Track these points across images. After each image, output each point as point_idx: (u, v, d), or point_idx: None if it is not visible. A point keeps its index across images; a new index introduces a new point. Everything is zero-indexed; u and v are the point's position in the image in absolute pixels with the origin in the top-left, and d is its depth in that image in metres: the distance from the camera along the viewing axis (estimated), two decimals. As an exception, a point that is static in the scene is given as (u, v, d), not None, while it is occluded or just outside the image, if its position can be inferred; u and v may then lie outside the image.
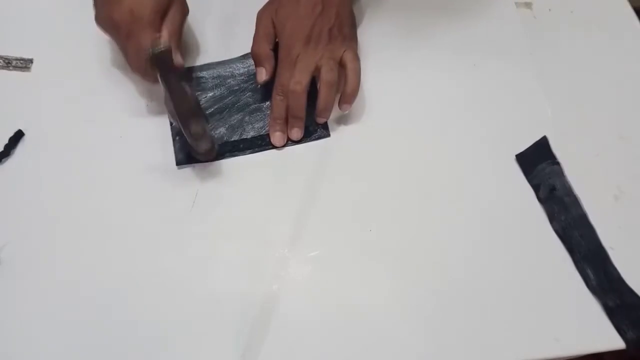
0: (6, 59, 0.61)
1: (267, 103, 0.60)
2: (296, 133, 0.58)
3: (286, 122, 0.58)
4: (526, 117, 0.60)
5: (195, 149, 0.54)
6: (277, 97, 0.57)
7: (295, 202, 0.55)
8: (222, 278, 0.52)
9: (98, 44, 0.62)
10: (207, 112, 0.59)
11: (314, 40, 0.57)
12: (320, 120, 0.58)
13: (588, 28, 0.66)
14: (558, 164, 0.56)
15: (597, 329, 0.50)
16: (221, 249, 0.53)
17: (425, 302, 0.51)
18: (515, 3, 0.67)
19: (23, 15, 0.65)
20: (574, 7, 0.68)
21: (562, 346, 0.49)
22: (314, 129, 0.59)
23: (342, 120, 0.59)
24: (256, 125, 0.59)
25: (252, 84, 0.61)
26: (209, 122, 0.58)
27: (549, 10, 0.67)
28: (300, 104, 0.57)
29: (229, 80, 0.61)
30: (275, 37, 0.59)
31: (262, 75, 0.58)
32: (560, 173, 0.56)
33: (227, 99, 0.60)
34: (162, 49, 0.49)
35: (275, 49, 0.59)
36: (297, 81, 0.56)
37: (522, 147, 0.57)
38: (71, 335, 0.49)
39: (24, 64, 0.61)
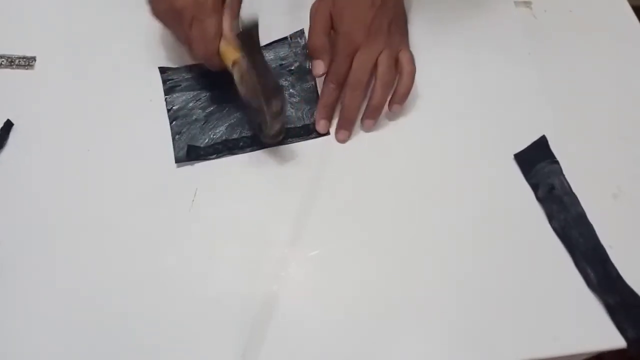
0: (9, 57, 0.61)
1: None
2: (343, 135, 0.58)
3: (333, 111, 0.58)
4: (525, 116, 0.60)
5: (268, 131, 0.54)
6: (330, 85, 0.57)
7: (296, 202, 0.55)
8: (222, 278, 0.52)
9: (100, 42, 0.62)
10: (207, 111, 0.59)
11: (374, 32, 0.56)
12: (369, 123, 0.58)
13: (588, 27, 0.66)
14: (557, 163, 0.56)
15: (597, 328, 0.50)
16: (221, 248, 0.53)
17: (425, 302, 0.51)
18: (515, 2, 0.67)
19: (25, 14, 0.65)
20: (574, 6, 0.68)
21: (561, 345, 0.49)
22: (314, 127, 0.59)
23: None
24: None
25: (252, 83, 0.61)
26: (286, 100, 0.57)
27: (548, 9, 0.67)
28: (356, 104, 0.57)
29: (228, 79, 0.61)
30: (331, 28, 0.58)
31: (320, 68, 0.57)
32: (559, 172, 0.56)
33: (227, 98, 0.60)
34: (254, 23, 0.48)
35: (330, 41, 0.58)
36: (358, 79, 0.56)
37: (520, 147, 0.57)
38: (70, 335, 0.49)
39: (27, 62, 0.61)
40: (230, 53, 0.53)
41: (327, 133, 0.59)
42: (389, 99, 0.58)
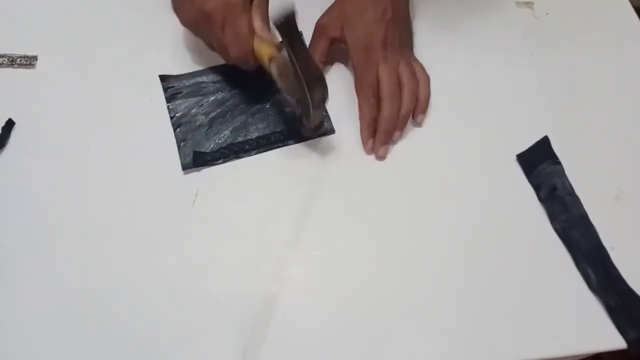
0: (10, 57, 0.62)
1: (269, 103, 0.60)
2: (384, 151, 0.57)
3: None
4: (526, 117, 0.60)
5: (310, 122, 0.54)
6: (371, 101, 0.57)
7: (296, 202, 0.55)
8: (223, 278, 0.52)
9: (101, 41, 0.63)
10: (211, 116, 0.59)
11: (390, 44, 0.57)
12: (398, 135, 0.58)
13: (589, 29, 0.66)
14: (559, 163, 0.56)
15: (597, 329, 0.49)
16: (221, 249, 0.53)
17: (426, 302, 0.51)
18: (517, 3, 0.67)
19: (27, 13, 0.65)
20: (575, 7, 0.68)
21: (562, 346, 0.49)
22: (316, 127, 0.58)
23: (345, 118, 0.59)
24: (259, 126, 0.59)
25: (252, 85, 0.61)
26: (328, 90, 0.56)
27: (550, 10, 0.67)
28: (395, 116, 0.57)
29: (229, 83, 0.61)
30: (328, 53, 0.60)
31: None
32: (561, 173, 0.56)
33: (229, 102, 0.60)
34: (291, 12, 0.48)
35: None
36: (393, 91, 0.56)
37: (522, 147, 0.57)
38: (71, 335, 0.49)
39: (28, 61, 0.62)
40: (265, 50, 0.53)
41: (333, 131, 0.59)
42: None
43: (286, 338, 0.49)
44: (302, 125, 0.56)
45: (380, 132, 0.57)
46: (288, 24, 0.48)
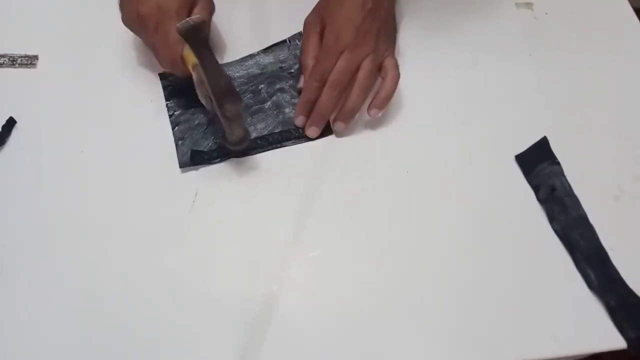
0: (11, 57, 0.62)
1: (268, 104, 0.60)
2: (313, 132, 0.58)
3: (313, 107, 0.58)
4: (526, 117, 0.60)
5: (229, 137, 0.54)
6: (313, 83, 0.57)
7: (296, 202, 0.55)
8: (222, 278, 0.52)
9: (102, 41, 0.63)
10: (209, 116, 0.59)
11: (363, 34, 0.57)
12: (340, 126, 0.57)
13: (588, 29, 0.66)
14: (558, 164, 0.56)
15: (597, 329, 0.49)
16: (221, 249, 0.53)
17: (426, 302, 0.51)
18: (516, 4, 0.67)
19: (27, 13, 0.65)
20: (575, 7, 0.68)
21: (562, 346, 0.49)
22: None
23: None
24: (258, 126, 0.59)
25: (252, 85, 0.61)
26: (242, 103, 0.56)
27: (549, 10, 0.67)
28: (331, 103, 0.57)
29: None
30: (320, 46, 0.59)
31: (301, 82, 0.59)
32: (560, 173, 0.56)
33: None
34: (197, 21, 0.49)
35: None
36: (338, 79, 0.56)
37: (521, 148, 0.57)
38: (71, 335, 0.49)
39: (29, 61, 0.62)
40: (190, 57, 0.53)
41: (331, 132, 0.59)
42: (369, 103, 0.58)
43: (286, 338, 0.49)
44: (225, 139, 0.54)
45: (313, 114, 0.57)
46: (193, 35, 0.49)
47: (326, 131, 0.59)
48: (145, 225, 0.53)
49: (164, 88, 0.60)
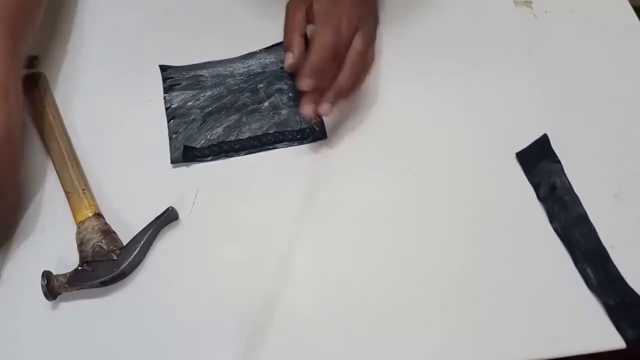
0: None
1: (265, 104, 0.60)
2: (328, 109, 0.53)
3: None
4: (526, 116, 0.60)
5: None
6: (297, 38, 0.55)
7: (296, 203, 0.55)
8: (222, 278, 0.52)
9: (102, 41, 0.63)
10: (206, 111, 0.59)
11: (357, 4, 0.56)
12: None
13: (588, 27, 0.66)
14: (559, 162, 0.56)
15: (597, 329, 0.49)
16: (221, 249, 0.53)
17: (426, 302, 0.51)
18: (515, 2, 0.67)
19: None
20: (574, 6, 0.68)
21: (561, 346, 0.49)
22: (311, 131, 0.58)
23: (339, 120, 0.59)
24: (253, 126, 0.59)
25: (251, 84, 0.61)
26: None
27: (549, 8, 0.67)
28: (356, 71, 0.55)
29: (228, 80, 0.61)
30: (306, 27, 0.57)
31: (289, 59, 0.55)
32: (560, 171, 0.56)
33: (226, 99, 0.60)
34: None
35: (306, 39, 0.57)
36: (359, 50, 0.54)
37: (521, 146, 0.57)
38: (70, 335, 0.49)
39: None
40: None
41: (325, 136, 0.58)
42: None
43: (287, 338, 0.49)
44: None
45: (330, 92, 0.54)
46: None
47: (319, 135, 0.58)
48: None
49: (164, 80, 0.61)
